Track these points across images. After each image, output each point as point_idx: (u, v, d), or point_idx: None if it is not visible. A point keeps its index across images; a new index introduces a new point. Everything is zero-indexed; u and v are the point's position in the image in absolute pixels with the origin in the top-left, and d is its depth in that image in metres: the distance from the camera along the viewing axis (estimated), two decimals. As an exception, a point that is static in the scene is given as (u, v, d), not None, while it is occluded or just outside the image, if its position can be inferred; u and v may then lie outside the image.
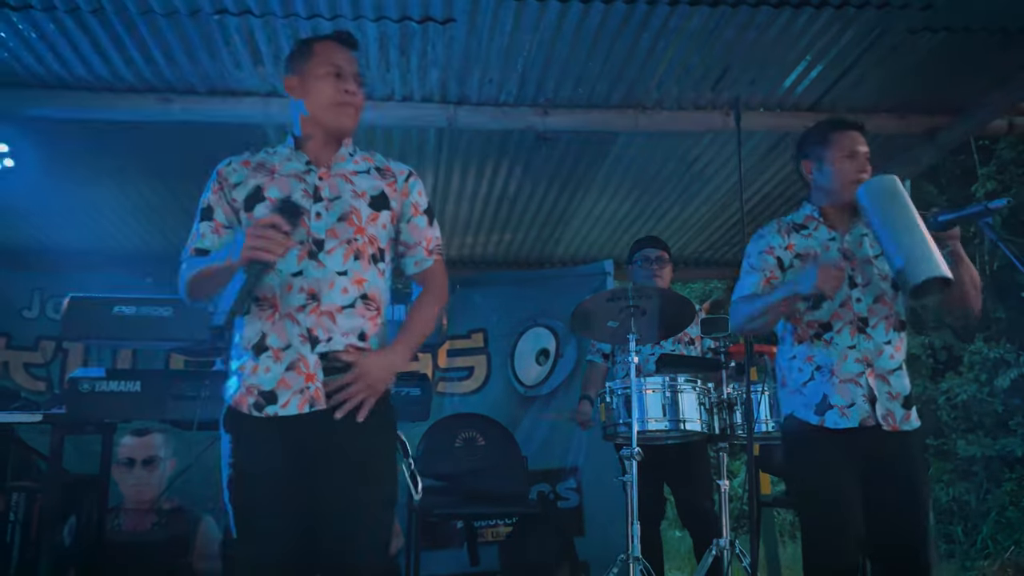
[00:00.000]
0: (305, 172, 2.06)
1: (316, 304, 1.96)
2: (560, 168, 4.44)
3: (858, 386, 2.37)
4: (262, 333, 1.98)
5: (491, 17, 3.10)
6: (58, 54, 3.23)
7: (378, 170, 2.14)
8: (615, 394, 3.28)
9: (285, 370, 1.95)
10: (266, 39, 3.21)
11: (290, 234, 1.88)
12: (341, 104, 2.06)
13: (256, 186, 2.04)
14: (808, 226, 2.54)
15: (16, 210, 4.33)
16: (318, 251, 1.99)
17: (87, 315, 2.74)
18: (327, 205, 2.03)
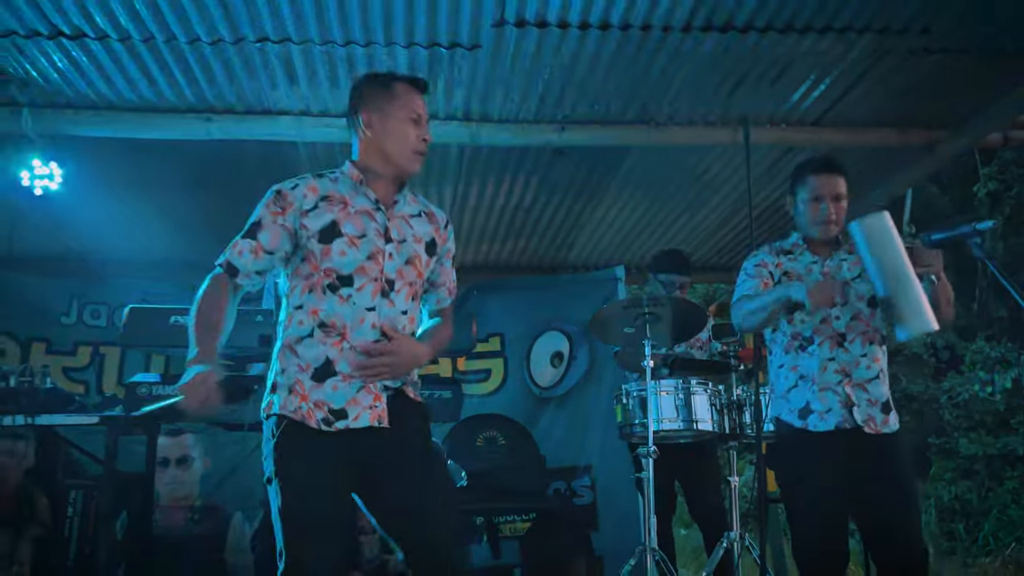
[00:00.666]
0: (375, 210, 2.13)
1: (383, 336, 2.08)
2: (574, 179, 4.65)
3: (835, 394, 2.63)
4: (327, 358, 2.06)
5: (514, 44, 3.31)
6: (108, 78, 3.45)
7: (426, 214, 2.24)
8: (631, 396, 3.48)
9: (356, 392, 2.06)
10: (303, 63, 3.42)
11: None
12: (417, 152, 2.15)
13: (332, 220, 2.09)
14: (794, 252, 2.82)
15: (57, 222, 4.54)
16: (390, 290, 2.10)
17: (146, 324, 2.95)
18: (397, 247, 2.13)
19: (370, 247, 2.09)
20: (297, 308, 2.11)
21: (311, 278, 2.10)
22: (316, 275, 2.09)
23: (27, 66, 3.34)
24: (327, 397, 2.04)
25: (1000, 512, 9.46)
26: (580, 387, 5.31)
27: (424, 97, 2.21)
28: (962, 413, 10.51)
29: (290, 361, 2.09)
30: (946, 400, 10.55)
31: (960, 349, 11.20)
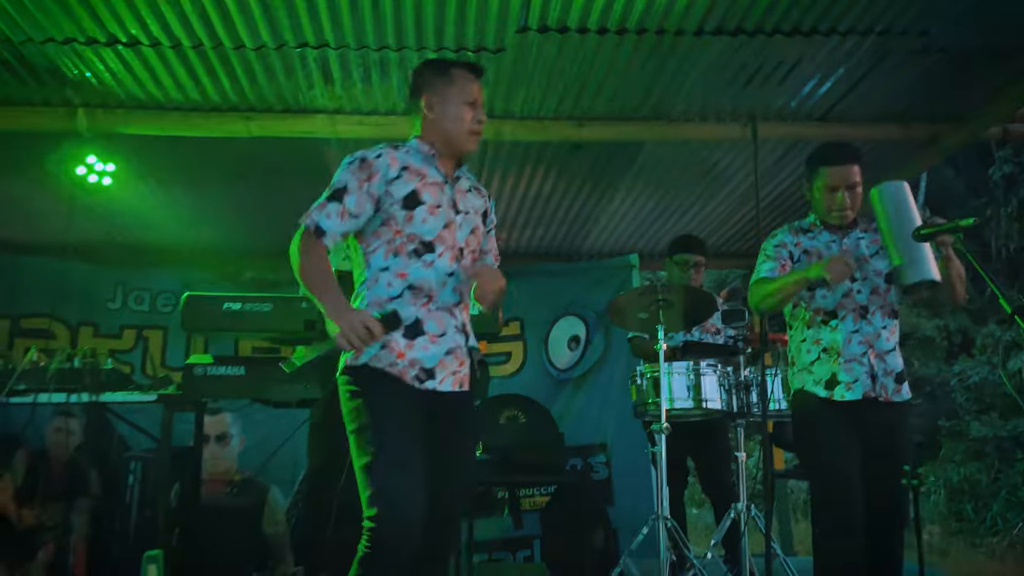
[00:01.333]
0: (444, 183, 2.33)
1: (463, 303, 2.31)
2: (591, 171, 4.87)
3: (861, 364, 2.79)
4: (416, 318, 2.22)
5: (537, 47, 3.53)
6: (157, 80, 3.70)
7: (476, 189, 2.46)
8: (644, 377, 3.72)
9: (444, 354, 2.24)
10: (339, 65, 3.65)
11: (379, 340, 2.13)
12: (473, 132, 2.35)
13: (412, 189, 2.26)
14: (812, 231, 2.97)
15: (106, 213, 4.82)
16: (460, 257, 2.30)
17: (202, 310, 3.22)
18: (463, 218, 2.33)
19: (445, 217, 2.29)
20: (383, 270, 2.26)
21: (393, 242, 2.26)
22: (399, 239, 2.25)
23: (83, 70, 3.60)
24: (419, 356, 2.20)
25: (1009, 493, 9.63)
26: (596, 369, 5.57)
27: (480, 82, 2.39)
28: (973, 396, 10.66)
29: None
30: (957, 383, 10.71)
31: (972, 332, 11.34)
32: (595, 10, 3.28)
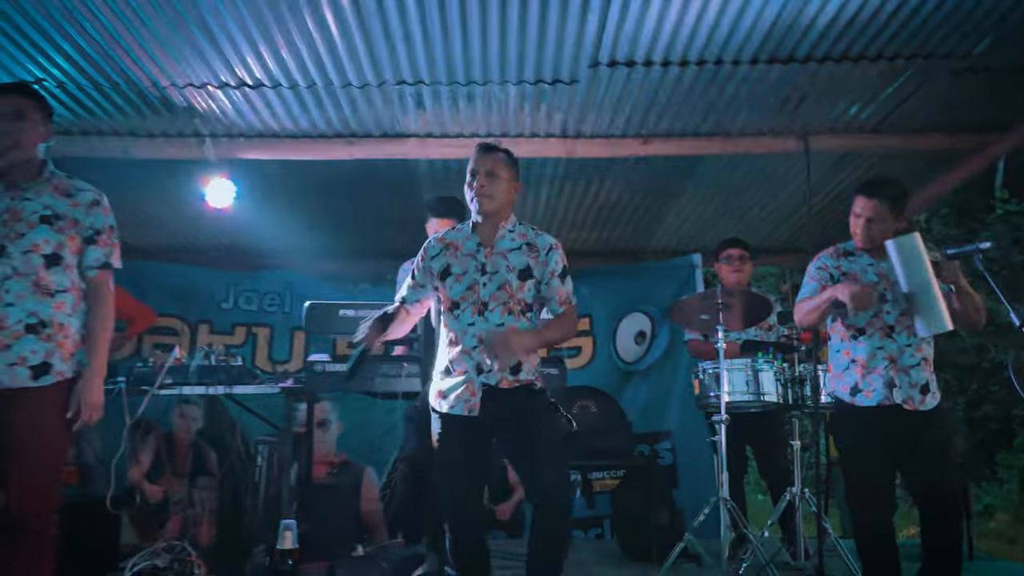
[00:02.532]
0: (475, 251, 2.88)
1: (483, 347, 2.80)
2: (655, 181, 5.26)
3: (880, 376, 3.17)
4: (449, 359, 2.86)
5: (607, 79, 3.94)
6: (274, 113, 4.24)
7: (528, 245, 2.89)
8: (707, 372, 4.11)
9: (458, 387, 2.83)
10: (431, 97, 4.13)
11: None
12: (471, 199, 2.87)
13: (446, 264, 2.89)
14: (855, 254, 3.33)
15: (223, 227, 5.44)
16: (484, 310, 2.83)
17: (322, 316, 3.76)
18: (489, 278, 2.84)
19: (469, 280, 2.85)
20: (441, 323, 2.95)
21: (440, 304, 2.94)
22: (443, 301, 2.91)
23: (213, 106, 4.16)
24: (443, 387, 2.87)
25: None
26: (660, 363, 5.98)
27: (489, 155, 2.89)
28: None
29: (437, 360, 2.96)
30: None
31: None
32: (659, 46, 3.67)
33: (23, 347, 2.55)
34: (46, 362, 2.57)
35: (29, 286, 2.57)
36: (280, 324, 6.05)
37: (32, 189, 2.63)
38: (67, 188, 2.69)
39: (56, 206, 2.63)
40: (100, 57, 3.65)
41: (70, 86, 3.89)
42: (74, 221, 2.65)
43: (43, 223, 2.59)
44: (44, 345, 2.58)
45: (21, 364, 2.54)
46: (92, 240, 2.68)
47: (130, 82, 3.87)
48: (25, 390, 2.54)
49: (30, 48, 3.57)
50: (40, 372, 2.56)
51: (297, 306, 6.15)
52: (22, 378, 2.54)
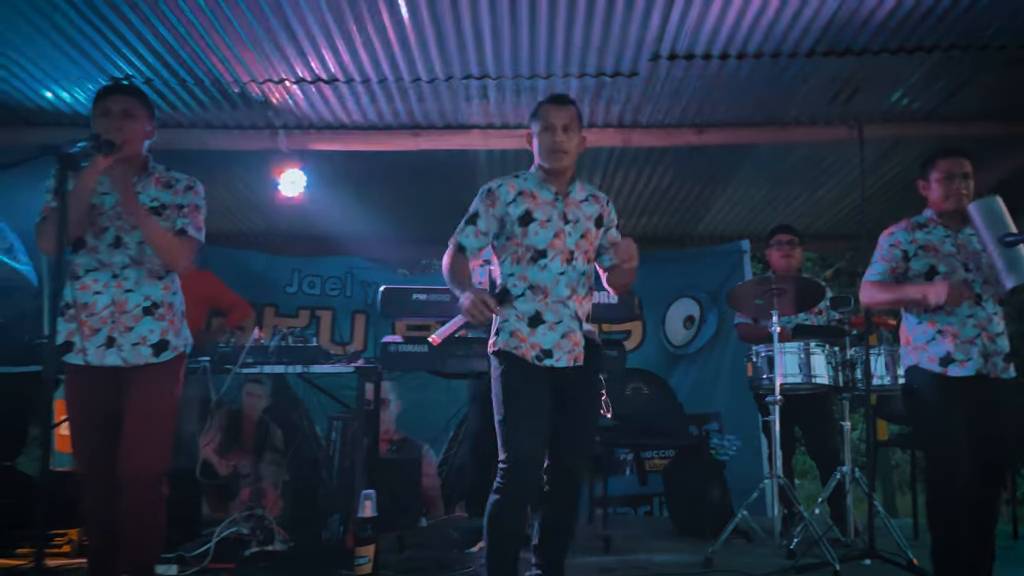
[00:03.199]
0: (554, 200, 2.83)
1: (576, 295, 2.88)
2: (707, 168, 5.39)
3: (974, 345, 3.16)
4: (536, 311, 2.76)
5: (666, 71, 4.08)
6: (345, 107, 4.44)
7: (593, 197, 2.92)
8: (760, 355, 4.26)
9: (560, 337, 2.78)
10: (495, 90, 4.30)
11: (495, 311, 2.67)
12: (552, 151, 2.79)
13: (526, 209, 2.79)
14: (928, 226, 3.24)
15: (291, 215, 5.67)
16: (571, 259, 2.81)
17: (395, 299, 3.96)
18: (573, 227, 2.82)
19: (555, 228, 2.81)
20: (510, 275, 2.83)
21: (516, 252, 2.81)
22: (520, 250, 2.80)
23: (287, 99, 4.37)
24: (539, 340, 2.76)
25: None
26: (709, 346, 6.12)
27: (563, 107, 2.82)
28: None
29: (510, 313, 2.80)
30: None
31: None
32: (719, 40, 3.81)
33: (143, 328, 2.78)
34: (164, 340, 2.81)
35: (144, 272, 2.80)
36: (342, 307, 6.31)
37: (140, 183, 2.85)
38: (167, 180, 2.90)
39: (161, 197, 2.85)
40: (186, 54, 3.87)
41: (157, 82, 4.12)
42: (175, 207, 2.86)
43: (153, 214, 2.81)
44: (160, 324, 2.81)
45: (143, 344, 2.77)
46: (180, 212, 2.86)
47: (212, 78, 4.09)
48: (147, 366, 2.78)
49: (122, 46, 3.80)
50: (160, 349, 2.80)
51: (358, 290, 6.43)
52: (145, 356, 2.77)
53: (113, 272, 2.77)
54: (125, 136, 2.75)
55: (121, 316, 2.76)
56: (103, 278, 2.76)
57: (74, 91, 4.23)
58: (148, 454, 2.77)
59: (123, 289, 2.77)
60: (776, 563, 3.78)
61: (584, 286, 2.90)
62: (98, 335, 2.73)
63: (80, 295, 2.72)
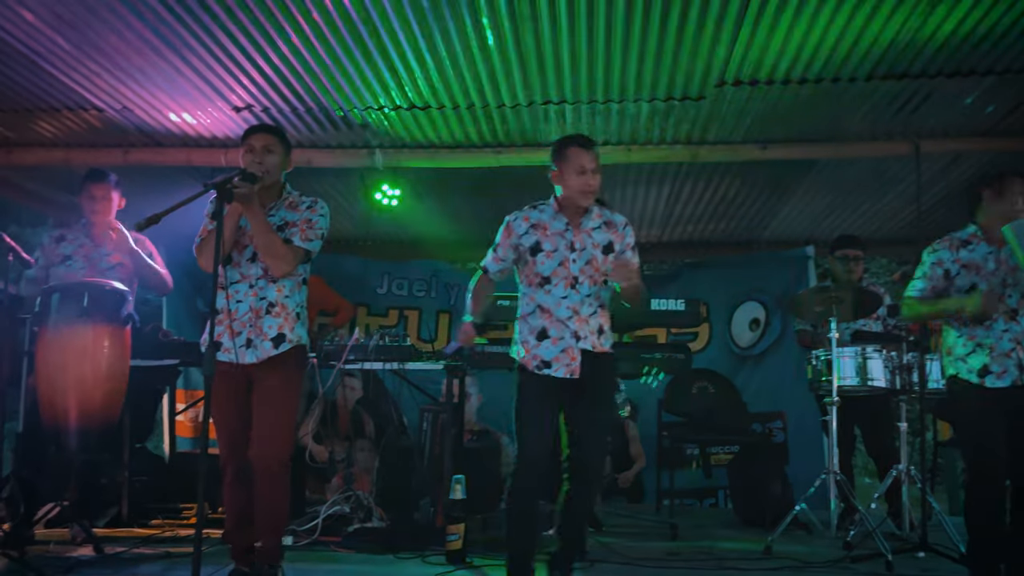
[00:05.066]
0: (564, 231, 3.21)
1: (578, 316, 3.21)
2: (772, 178, 5.67)
3: (1009, 358, 3.34)
4: (543, 327, 3.19)
5: (731, 95, 4.40)
6: (435, 128, 4.90)
7: (607, 224, 3.27)
8: (819, 359, 4.54)
9: (559, 352, 3.18)
10: (572, 113, 4.69)
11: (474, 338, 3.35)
12: (584, 192, 3.18)
13: (536, 240, 3.20)
14: (972, 242, 3.40)
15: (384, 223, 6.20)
16: (575, 284, 3.19)
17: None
18: (579, 254, 3.19)
19: (560, 257, 3.20)
20: (524, 295, 3.31)
21: (529, 276, 3.26)
22: (531, 275, 3.24)
23: (383, 123, 4.85)
24: (541, 352, 3.19)
25: None
26: (774, 348, 6.40)
27: (591, 151, 3.18)
28: None
29: (524, 328, 3.28)
30: None
31: None
32: (781, 67, 4.11)
33: (264, 324, 3.23)
34: (280, 333, 3.25)
35: (268, 280, 3.26)
36: (427, 307, 6.83)
37: (274, 207, 3.34)
38: (295, 202, 3.37)
39: (287, 217, 3.32)
40: (299, 85, 4.37)
41: (272, 110, 4.64)
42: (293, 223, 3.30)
43: (278, 232, 3.25)
44: (276, 320, 3.25)
45: (265, 339, 3.22)
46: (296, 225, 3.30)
47: (320, 105, 4.59)
48: (268, 359, 3.23)
49: (243, 77, 4.31)
50: (278, 342, 3.25)
51: (442, 291, 6.93)
52: (267, 349, 3.23)
53: (250, 283, 3.25)
54: (264, 168, 3.20)
55: (257, 320, 3.25)
56: (243, 288, 3.24)
57: (200, 116, 4.79)
58: (274, 441, 3.22)
59: (258, 297, 3.26)
60: (832, 553, 4.07)
61: (590, 306, 3.26)
62: (240, 336, 3.23)
63: (227, 303, 3.22)
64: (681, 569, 3.84)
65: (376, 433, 6.04)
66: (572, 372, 3.20)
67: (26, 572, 3.40)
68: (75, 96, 4.47)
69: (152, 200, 5.54)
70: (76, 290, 3.82)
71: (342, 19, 3.66)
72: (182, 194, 5.51)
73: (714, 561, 3.99)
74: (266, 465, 3.20)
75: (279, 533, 3.33)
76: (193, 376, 6.60)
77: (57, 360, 3.75)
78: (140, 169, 5.20)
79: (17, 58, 4.01)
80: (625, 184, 5.81)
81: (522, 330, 3.30)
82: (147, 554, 3.94)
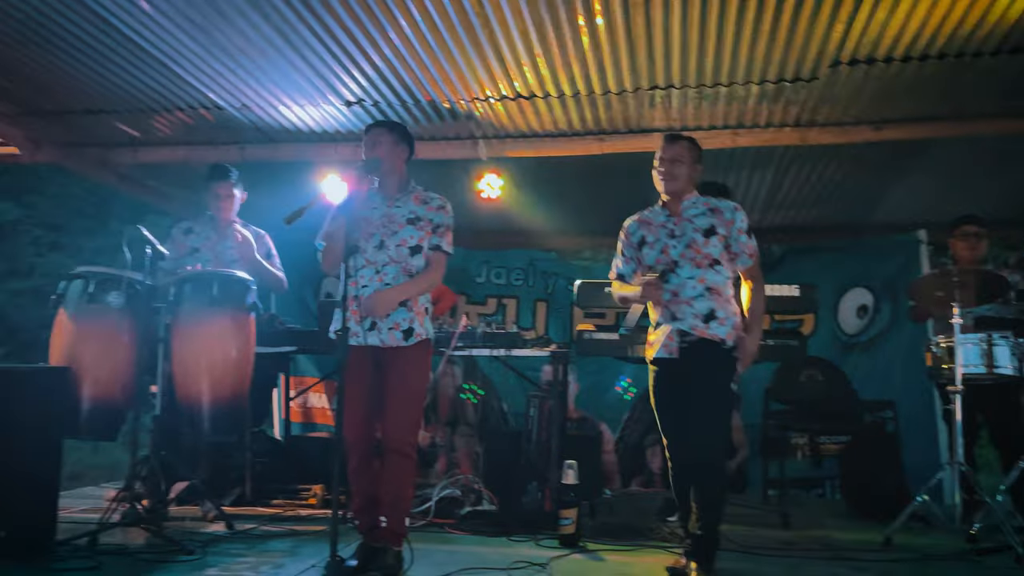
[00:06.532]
0: (665, 221, 3.47)
1: (676, 298, 3.37)
2: (884, 160, 5.48)
3: None
4: (654, 316, 3.48)
5: (845, 75, 4.28)
6: (539, 117, 4.93)
7: (711, 210, 3.45)
8: (940, 345, 4.38)
9: (660, 333, 3.42)
10: (679, 97, 4.64)
11: (661, 288, 3.36)
12: (658, 182, 3.46)
13: (643, 236, 3.49)
14: None
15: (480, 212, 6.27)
16: (675, 268, 3.39)
17: (591, 293, 4.45)
18: (678, 240, 3.41)
19: (660, 245, 3.41)
20: None
21: (641, 270, 3.49)
22: (641, 268, 3.49)
23: (488, 113, 4.91)
24: (651, 338, 3.47)
25: None
26: (883, 335, 6.20)
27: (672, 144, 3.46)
28: None
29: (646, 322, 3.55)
30: None
31: None
32: (901, 45, 3.97)
33: (397, 316, 3.39)
34: (411, 327, 3.40)
35: (400, 269, 3.40)
36: (525, 296, 6.90)
37: (400, 199, 3.48)
38: (424, 198, 3.52)
39: (418, 211, 3.46)
40: (408, 78, 4.46)
41: (382, 104, 4.76)
42: (428, 221, 3.45)
43: (409, 224, 3.41)
44: (408, 315, 3.41)
45: (396, 329, 3.38)
46: (435, 231, 3.48)
47: (428, 98, 4.68)
48: (399, 348, 3.38)
49: (355, 72, 4.42)
50: (408, 335, 3.40)
51: (539, 280, 6.98)
52: (397, 339, 3.38)
53: (376, 268, 3.39)
54: (379, 154, 3.39)
55: None
56: (368, 274, 3.38)
57: (311, 112, 4.95)
58: (403, 427, 3.38)
59: (383, 283, 3.38)
60: (956, 546, 3.95)
61: (693, 289, 3.37)
62: (365, 320, 3.35)
63: (351, 289, 3.35)
64: (799, 559, 3.79)
65: (477, 418, 6.16)
66: (671, 352, 3.35)
67: (167, 546, 3.61)
68: (199, 96, 4.68)
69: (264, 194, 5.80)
70: (206, 280, 4.02)
71: (455, 10, 3.72)
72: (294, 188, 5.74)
73: (831, 552, 3.93)
74: (396, 446, 3.36)
75: (404, 513, 3.45)
76: (301, 363, 6.86)
77: (190, 347, 3.96)
78: (255, 165, 5.41)
79: (149, 61, 4.23)
80: (728, 169, 5.72)
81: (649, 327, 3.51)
82: (274, 531, 4.13)
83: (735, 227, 3.43)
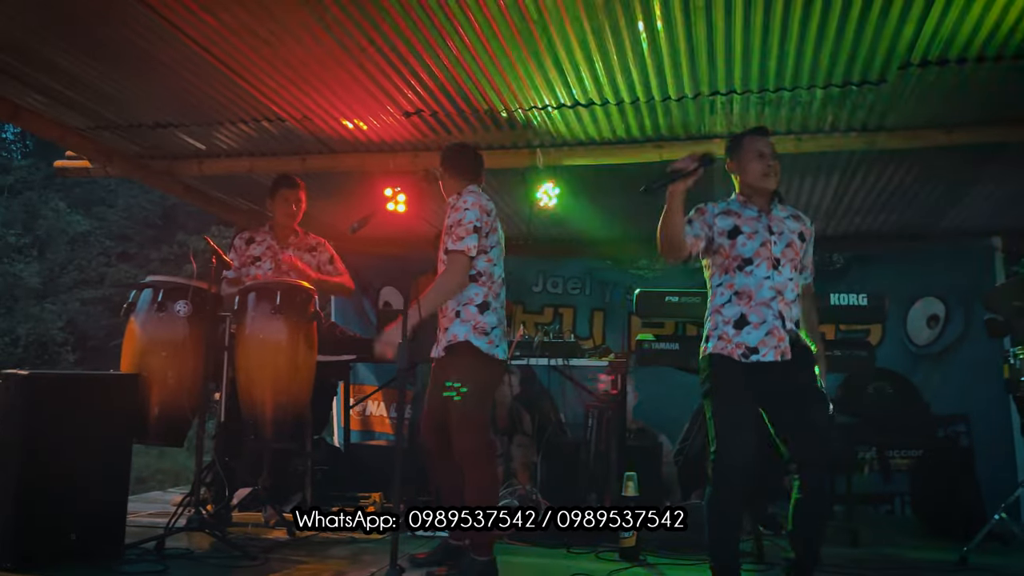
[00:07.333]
0: (759, 216, 3.30)
1: (781, 297, 3.20)
2: (955, 165, 5.28)
3: None
4: (741, 314, 3.16)
5: (915, 78, 4.14)
6: (597, 125, 4.88)
7: (794, 217, 3.37)
8: (1018, 357, 4.20)
9: (764, 335, 3.13)
10: (740, 104, 4.55)
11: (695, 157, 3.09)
12: (766, 175, 3.29)
13: (734, 224, 3.27)
14: None
15: (536, 221, 6.26)
16: (777, 265, 3.23)
17: (650, 302, 4.38)
18: (778, 237, 3.26)
19: (761, 238, 3.22)
20: (718, 286, 3.27)
21: (724, 263, 3.24)
22: (727, 261, 3.24)
23: (546, 122, 4.89)
24: (744, 339, 3.13)
25: None
26: (955, 346, 5.98)
27: (765, 137, 3.32)
28: None
29: (718, 320, 3.23)
30: None
31: None
32: (974, 45, 3.81)
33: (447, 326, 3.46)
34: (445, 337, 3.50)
35: None
36: (582, 305, 6.85)
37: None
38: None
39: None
40: (466, 88, 4.47)
41: (441, 114, 4.78)
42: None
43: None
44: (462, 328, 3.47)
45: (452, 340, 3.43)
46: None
47: (487, 107, 4.69)
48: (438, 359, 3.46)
49: (416, 84, 4.46)
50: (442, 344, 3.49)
51: (596, 289, 6.93)
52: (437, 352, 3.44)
53: None
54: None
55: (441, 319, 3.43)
56: None
57: (371, 122, 4.99)
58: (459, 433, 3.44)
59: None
60: (1038, 566, 3.78)
61: (792, 291, 3.22)
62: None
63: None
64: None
65: (534, 428, 6.13)
66: (783, 353, 3.12)
67: (231, 551, 3.67)
68: (262, 108, 4.77)
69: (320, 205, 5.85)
70: (269, 289, 4.09)
71: (513, 19, 3.71)
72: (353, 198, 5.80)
73: (904, 570, 3.80)
74: (461, 456, 3.44)
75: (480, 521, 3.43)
76: (360, 372, 6.93)
77: (253, 355, 4.03)
78: (315, 175, 5.48)
79: (215, 75, 4.33)
80: (791, 175, 5.59)
81: (716, 323, 3.24)
82: (335, 539, 4.16)
83: (810, 240, 3.37)
